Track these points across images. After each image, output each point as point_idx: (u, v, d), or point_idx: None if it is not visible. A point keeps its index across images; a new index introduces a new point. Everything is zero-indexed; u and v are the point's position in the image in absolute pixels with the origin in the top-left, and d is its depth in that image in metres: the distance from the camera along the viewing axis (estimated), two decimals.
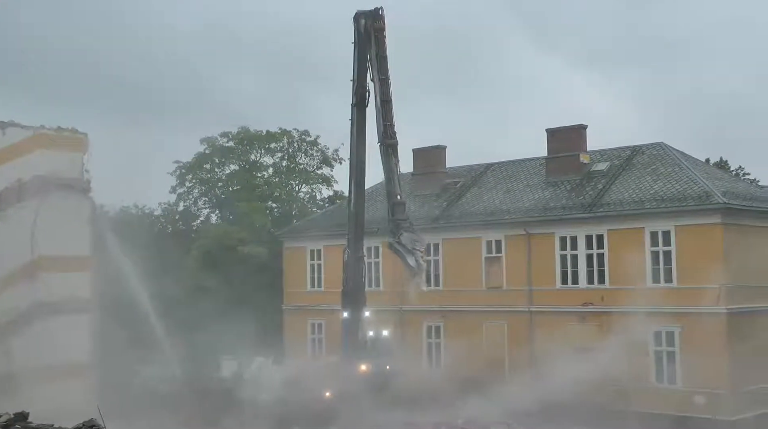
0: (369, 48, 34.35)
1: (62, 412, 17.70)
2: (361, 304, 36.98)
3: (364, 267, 37.94)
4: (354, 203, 37.11)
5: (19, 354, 33.01)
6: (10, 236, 33.88)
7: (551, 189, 41.13)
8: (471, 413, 33.36)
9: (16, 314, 33.66)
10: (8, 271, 33.83)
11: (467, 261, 41.18)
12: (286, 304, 48.58)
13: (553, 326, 37.45)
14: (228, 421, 35.50)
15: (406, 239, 32.61)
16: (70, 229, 35.65)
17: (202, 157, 61.73)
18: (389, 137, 33.11)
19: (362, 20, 34.85)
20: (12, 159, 34.93)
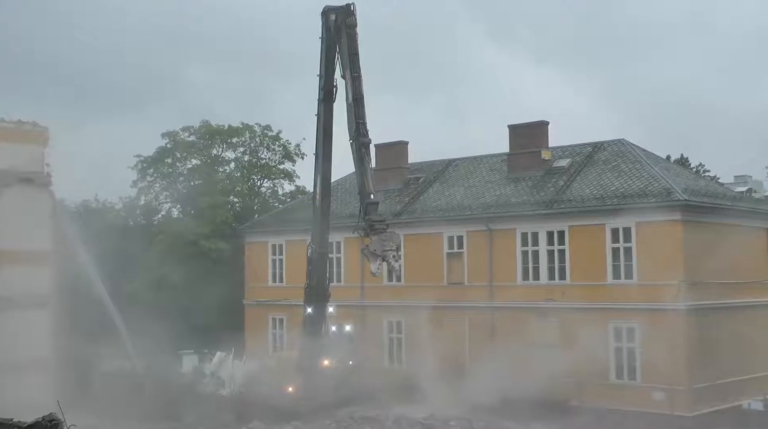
0: (339, 44, 34.23)
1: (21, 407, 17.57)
2: (324, 299, 37.02)
3: (327, 262, 37.95)
4: (320, 199, 37.08)
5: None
6: None
7: (513, 185, 41.42)
8: (431, 408, 33.52)
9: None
10: None
11: (429, 257, 41.36)
12: (248, 299, 48.50)
13: (514, 322, 37.76)
14: (188, 416, 35.38)
15: (376, 244, 32.64)
16: (30, 222, 35.28)
17: (164, 151, 61.28)
18: (362, 135, 33.05)
19: (332, 15, 34.61)
20: None
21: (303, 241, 38.81)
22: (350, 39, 33.70)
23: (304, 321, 37.52)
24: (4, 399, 19.52)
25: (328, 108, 35.62)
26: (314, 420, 32.71)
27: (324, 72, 35.44)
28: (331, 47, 34.75)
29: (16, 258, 34.75)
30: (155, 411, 35.01)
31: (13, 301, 34.06)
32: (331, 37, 34.61)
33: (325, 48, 35.21)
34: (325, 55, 35.25)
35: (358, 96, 33.11)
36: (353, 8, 33.76)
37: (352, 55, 33.50)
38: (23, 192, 35.83)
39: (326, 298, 37.04)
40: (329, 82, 35.26)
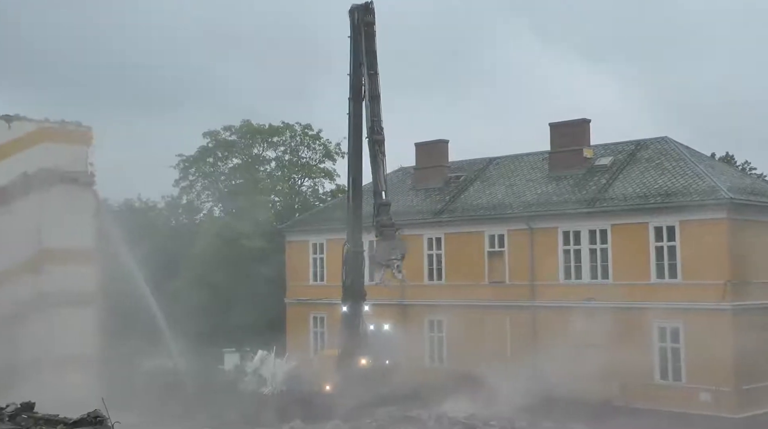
0: (358, 42, 34.47)
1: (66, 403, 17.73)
2: (360, 298, 36.97)
3: (363, 261, 37.92)
4: (352, 197, 37.16)
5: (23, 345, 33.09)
6: (16, 229, 33.97)
7: (554, 183, 41.10)
8: (472, 408, 33.36)
9: (21, 306, 33.73)
10: (13, 264, 33.92)
11: (470, 255, 41.19)
12: (289, 298, 48.61)
13: (555, 321, 37.41)
14: (230, 414, 35.58)
15: (381, 251, 32.58)
16: (74, 221, 35.70)
17: (205, 150, 61.78)
18: (376, 133, 33.12)
19: (355, 14, 35.00)
20: (17, 152, 35.00)
21: (343, 239, 38.78)
22: (367, 36, 33.96)
23: (342, 320, 37.60)
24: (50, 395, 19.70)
25: (357, 106, 35.78)
26: (354, 419, 32.69)
27: (352, 70, 35.66)
28: (356, 45, 35.00)
29: (61, 256, 35.19)
30: (197, 409, 35.26)
31: (58, 298, 34.49)
32: (355, 35, 34.87)
33: (352, 46, 35.47)
34: (352, 53, 35.53)
35: (373, 94, 33.31)
36: (371, 6, 33.94)
37: (368, 53, 33.67)
38: (67, 191, 36.27)
39: (362, 296, 36.99)
40: (357, 81, 35.45)
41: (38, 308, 34.19)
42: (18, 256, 34.12)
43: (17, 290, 33.85)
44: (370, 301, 38.12)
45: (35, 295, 34.31)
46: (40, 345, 32.88)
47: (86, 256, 36.45)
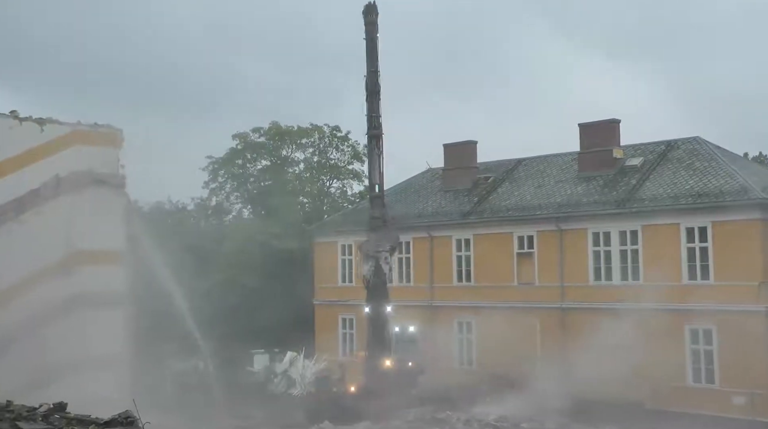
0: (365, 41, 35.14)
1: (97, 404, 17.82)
2: (383, 299, 36.94)
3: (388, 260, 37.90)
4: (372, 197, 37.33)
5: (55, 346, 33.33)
6: (48, 231, 34.21)
7: (584, 184, 40.85)
8: (502, 410, 33.24)
9: (52, 307, 33.96)
10: (45, 265, 34.14)
11: (499, 257, 41.06)
12: (317, 299, 48.67)
13: (585, 323, 37.12)
14: (259, 415, 35.72)
15: (369, 243, 32.77)
16: (104, 223, 35.90)
17: (234, 152, 62.01)
18: (373, 128, 33.39)
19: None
20: (49, 155, 35.23)
21: None
22: (367, 35, 34.17)
23: (367, 321, 37.65)
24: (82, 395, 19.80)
25: (371, 103, 36.06)
26: (384, 420, 32.70)
27: (367, 70, 35.96)
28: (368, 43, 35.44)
29: (92, 258, 35.39)
30: (226, 410, 35.42)
31: (89, 300, 34.70)
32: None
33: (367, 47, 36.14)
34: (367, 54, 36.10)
35: (372, 90, 33.61)
36: (372, 5, 34.19)
37: (368, 51, 33.87)
38: (98, 194, 36.47)
39: (385, 297, 36.96)
40: (371, 78, 35.82)
41: (69, 309, 34.40)
42: (49, 258, 34.36)
43: (49, 291, 34.09)
44: (398, 303, 38.09)
45: (66, 297, 34.54)
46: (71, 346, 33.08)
47: (116, 257, 36.65)
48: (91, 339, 33.57)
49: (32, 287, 33.59)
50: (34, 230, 33.83)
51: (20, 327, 32.99)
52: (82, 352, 33.09)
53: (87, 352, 33.21)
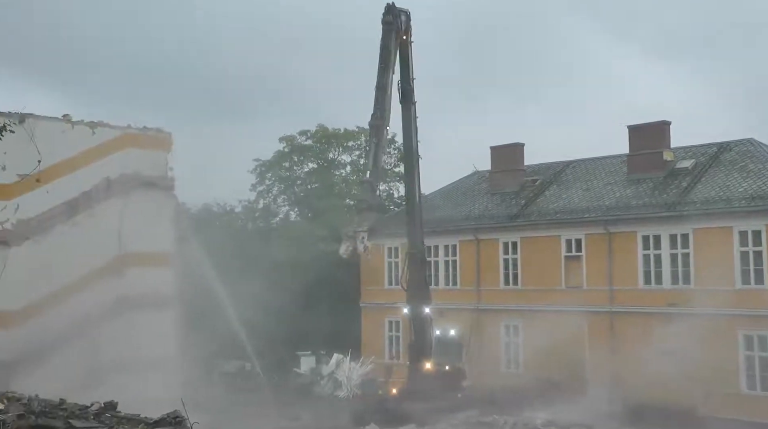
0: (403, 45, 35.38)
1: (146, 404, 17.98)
2: (424, 301, 36.82)
3: (425, 263, 37.81)
4: (410, 199, 37.39)
5: (105, 346, 33.76)
6: (98, 233, 34.67)
7: (633, 187, 40.39)
8: (550, 414, 32.95)
9: (102, 308, 34.40)
10: (96, 267, 34.59)
11: (546, 260, 40.75)
12: (364, 302, 48.72)
13: (635, 327, 36.74)
14: (305, 416, 35.83)
15: (350, 224, 33.30)
16: (154, 226, 36.29)
17: (281, 155, 62.35)
18: (374, 118, 33.65)
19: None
20: (100, 158, 35.68)
21: None
22: (383, 33, 34.74)
23: (409, 323, 37.66)
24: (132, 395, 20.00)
25: (405, 110, 36.10)
26: (430, 423, 32.60)
27: (400, 73, 35.95)
28: (401, 48, 35.55)
29: (141, 260, 35.77)
30: (273, 411, 35.59)
31: (139, 301, 35.08)
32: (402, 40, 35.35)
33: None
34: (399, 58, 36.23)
35: (379, 85, 34.01)
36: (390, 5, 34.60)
37: (382, 48, 34.45)
38: (148, 196, 36.87)
39: (425, 300, 36.83)
40: (404, 84, 35.66)
41: (119, 311, 34.82)
42: (100, 260, 34.81)
43: (100, 293, 34.54)
44: (445, 306, 37.98)
45: (116, 298, 34.97)
46: (121, 346, 33.48)
47: (165, 259, 37.02)
48: (141, 340, 33.91)
49: (84, 288, 34.05)
50: (85, 232, 34.30)
51: (72, 327, 33.47)
52: (132, 353, 33.45)
53: (137, 353, 33.56)
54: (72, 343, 33.15)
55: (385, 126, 34.02)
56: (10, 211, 32.95)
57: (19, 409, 13.63)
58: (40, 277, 32.54)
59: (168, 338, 35.85)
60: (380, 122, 33.62)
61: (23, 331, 32.22)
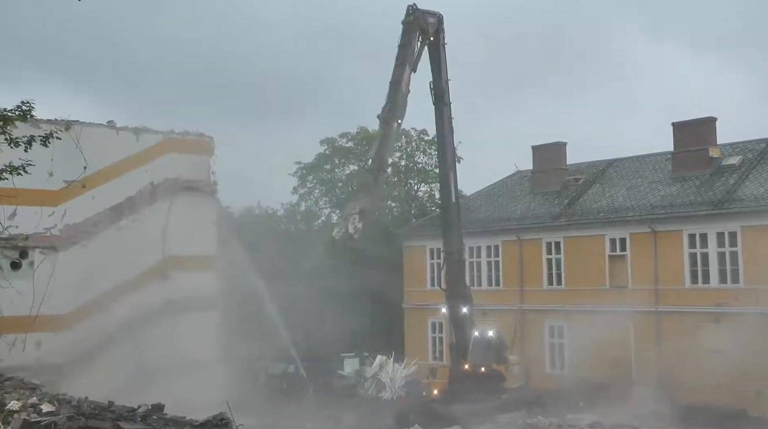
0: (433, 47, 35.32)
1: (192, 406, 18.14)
2: (463, 301, 36.67)
3: (463, 263, 37.68)
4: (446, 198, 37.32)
5: (151, 349, 34.14)
6: (143, 237, 35.12)
7: (678, 185, 39.90)
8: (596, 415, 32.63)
9: (148, 311, 34.81)
10: (141, 270, 35.03)
11: (590, 260, 40.40)
12: (406, 303, 48.70)
13: (682, 327, 36.26)
14: (350, 418, 35.88)
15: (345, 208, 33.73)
16: (197, 229, 36.65)
17: (322, 157, 62.58)
18: (384, 111, 33.68)
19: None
20: (144, 163, 36.16)
21: None
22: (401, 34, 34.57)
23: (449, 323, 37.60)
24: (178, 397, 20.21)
25: (438, 109, 36.09)
26: (475, 425, 32.46)
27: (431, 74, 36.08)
28: (431, 50, 35.40)
29: (185, 263, 36.15)
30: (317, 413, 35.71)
31: (183, 304, 35.44)
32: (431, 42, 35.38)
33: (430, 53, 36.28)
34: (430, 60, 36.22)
35: (392, 80, 33.79)
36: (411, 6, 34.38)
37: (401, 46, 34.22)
38: (191, 200, 37.26)
39: (465, 300, 36.69)
40: (435, 85, 35.65)
41: (165, 313, 35.21)
42: (145, 263, 35.25)
43: (145, 296, 34.97)
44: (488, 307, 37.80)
45: (162, 301, 35.36)
46: (167, 349, 33.85)
47: (209, 262, 37.37)
48: (186, 342, 34.26)
49: (129, 292, 34.51)
50: (130, 237, 34.78)
51: (119, 330, 33.95)
52: (178, 355, 33.80)
53: (182, 355, 33.90)
54: (119, 345, 33.62)
55: (396, 120, 34.10)
56: (57, 217, 33.51)
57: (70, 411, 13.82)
58: (87, 281, 33.05)
59: (212, 341, 36.20)
60: (388, 115, 33.78)
61: (72, 334, 32.75)
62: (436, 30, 35.56)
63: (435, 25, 35.48)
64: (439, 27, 35.69)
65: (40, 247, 32.93)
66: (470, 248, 44.29)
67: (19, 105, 15.44)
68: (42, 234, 33.03)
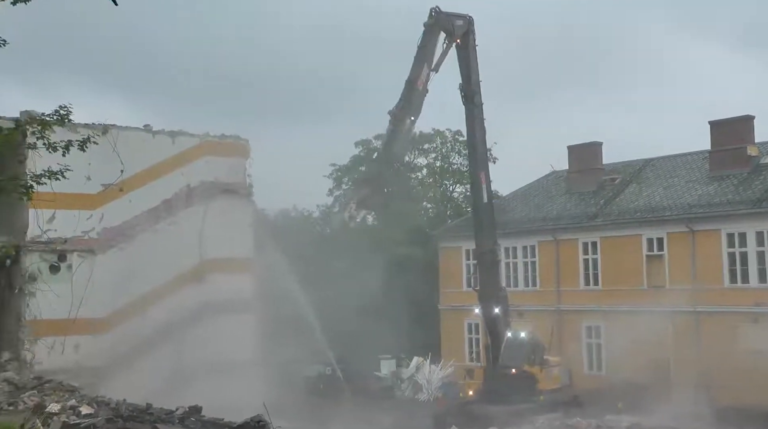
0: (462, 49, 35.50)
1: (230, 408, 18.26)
2: (496, 302, 36.52)
3: (497, 263, 37.53)
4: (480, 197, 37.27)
5: (188, 351, 34.41)
6: (180, 239, 35.42)
7: (716, 184, 39.45)
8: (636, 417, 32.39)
9: (185, 314, 35.10)
10: (178, 273, 35.32)
11: (627, 260, 40.04)
12: (443, 304, 48.61)
13: (721, 327, 35.82)
14: (387, 420, 35.87)
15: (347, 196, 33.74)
16: (234, 232, 36.90)
17: (357, 159, 62.66)
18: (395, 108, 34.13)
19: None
20: (181, 166, 36.50)
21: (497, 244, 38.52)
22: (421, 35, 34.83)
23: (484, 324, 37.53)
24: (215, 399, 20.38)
25: (468, 110, 36.06)
26: (512, 426, 32.34)
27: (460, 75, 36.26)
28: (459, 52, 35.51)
29: (222, 265, 36.41)
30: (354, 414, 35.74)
31: (220, 306, 35.67)
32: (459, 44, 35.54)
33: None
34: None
35: (408, 79, 34.04)
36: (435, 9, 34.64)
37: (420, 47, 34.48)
38: (227, 203, 37.53)
39: (498, 301, 36.54)
40: (464, 85, 35.79)
41: (202, 316, 35.47)
42: (182, 266, 35.54)
43: (182, 299, 35.26)
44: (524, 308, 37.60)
45: (199, 303, 35.62)
46: (204, 351, 34.10)
47: (245, 265, 37.59)
48: (223, 345, 34.49)
49: (166, 295, 34.84)
50: (167, 240, 35.10)
51: (156, 333, 34.27)
52: (215, 357, 34.05)
53: (219, 357, 34.14)
54: (156, 348, 33.93)
55: (408, 117, 34.30)
56: (95, 221, 33.92)
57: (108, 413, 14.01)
58: (125, 284, 33.40)
59: (249, 343, 36.41)
60: (400, 112, 33.94)
61: (110, 337, 33.11)
62: (466, 32, 35.49)
63: (463, 28, 35.43)
64: (469, 29, 35.63)
65: (78, 251, 33.38)
66: (506, 249, 44.18)
67: (56, 110, 15.58)
68: (80, 237, 33.47)
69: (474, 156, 37.39)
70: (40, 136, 15.62)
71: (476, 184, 37.40)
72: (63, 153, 15.75)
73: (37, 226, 32.16)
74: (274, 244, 39.10)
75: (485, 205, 37.15)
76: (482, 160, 37.40)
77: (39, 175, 15.80)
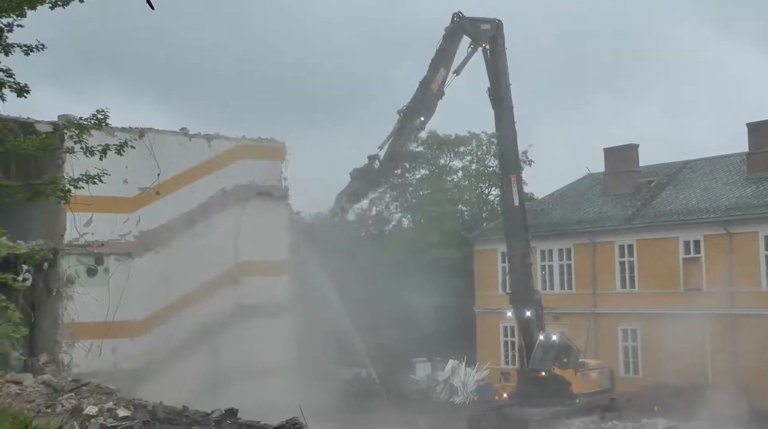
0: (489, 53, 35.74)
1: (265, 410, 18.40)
2: (528, 304, 36.37)
3: (528, 265, 37.41)
4: (511, 200, 37.20)
5: (224, 354, 34.65)
6: (216, 242, 35.65)
7: (754, 186, 39.03)
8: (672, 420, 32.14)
9: (221, 316, 35.34)
10: (214, 276, 35.57)
11: (663, 262, 39.72)
12: (478, 307, 48.53)
13: (759, 330, 35.45)
14: (422, 423, 35.89)
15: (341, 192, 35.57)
16: (269, 234, 37.09)
17: None
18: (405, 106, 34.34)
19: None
20: (216, 169, 36.77)
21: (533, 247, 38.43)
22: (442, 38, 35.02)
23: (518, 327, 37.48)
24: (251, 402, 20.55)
25: (497, 113, 36.05)
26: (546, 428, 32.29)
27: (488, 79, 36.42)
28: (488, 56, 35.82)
29: (258, 268, 36.63)
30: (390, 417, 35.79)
31: (256, 309, 35.89)
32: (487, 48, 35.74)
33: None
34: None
35: (423, 81, 34.27)
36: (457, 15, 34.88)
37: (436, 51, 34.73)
38: (263, 205, 37.75)
39: (530, 304, 36.39)
40: (492, 89, 35.98)
41: (237, 318, 35.72)
42: (218, 269, 35.78)
43: (218, 301, 35.50)
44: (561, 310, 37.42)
45: (234, 306, 35.86)
46: (240, 354, 34.32)
47: (281, 268, 37.78)
48: (259, 347, 34.69)
49: (203, 297, 35.09)
50: (203, 243, 35.36)
51: (193, 336, 34.55)
52: (251, 360, 34.25)
53: (255, 360, 34.35)
54: (193, 351, 34.18)
55: (418, 117, 34.45)
56: (132, 224, 34.27)
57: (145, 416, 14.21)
58: (161, 287, 33.70)
59: (285, 345, 36.56)
60: (408, 111, 34.04)
61: (147, 339, 33.42)
62: (494, 36, 35.44)
63: (490, 32, 35.42)
64: (497, 33, 35.58)
65: (115, 254, 33.73)
66: (542, 251, 44.05)
67: (94, 113, 15.66)
68: (117, 241, 33.81)
69: (504, 159, 37.35)
70: (77, 140, 15.71)
71: (507, 187, 37.36)
72: (100, 157, 15.82)
73: (75, 230, 32.52)
74: (309, 247, 39.26)
75: (516, 208, 37.07)
76: (513, 164, 37.33)
77: (76, 178, 15.89)
